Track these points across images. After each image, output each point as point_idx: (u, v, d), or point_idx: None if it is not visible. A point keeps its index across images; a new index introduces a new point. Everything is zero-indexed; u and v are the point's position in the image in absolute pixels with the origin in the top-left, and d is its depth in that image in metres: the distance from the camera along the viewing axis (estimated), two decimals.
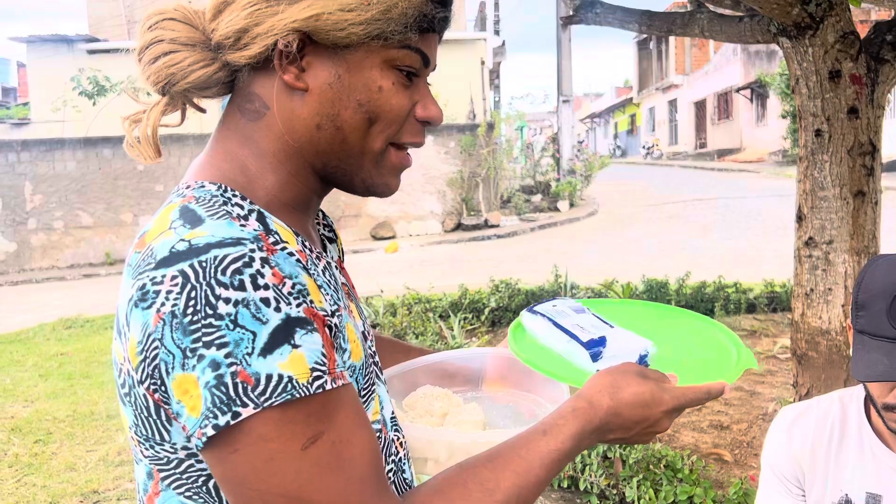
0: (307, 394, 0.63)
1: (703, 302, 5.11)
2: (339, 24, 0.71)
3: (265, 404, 0.62)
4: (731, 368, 0.92)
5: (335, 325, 0.69)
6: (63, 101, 14.31)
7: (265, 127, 0.77)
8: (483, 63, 15.89)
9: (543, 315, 1.01)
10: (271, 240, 0.68)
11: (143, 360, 0.66)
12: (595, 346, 0.92)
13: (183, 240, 0.66)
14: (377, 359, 0.86)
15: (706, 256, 9.24)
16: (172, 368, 0.64)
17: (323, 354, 0.66)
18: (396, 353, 1.15)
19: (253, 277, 0.64)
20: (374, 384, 0.79)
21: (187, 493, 0.72)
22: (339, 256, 0.98)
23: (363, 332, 0.82)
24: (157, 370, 0.65)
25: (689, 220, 13.71)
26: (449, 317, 4.80)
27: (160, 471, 0.72)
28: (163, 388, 0.66)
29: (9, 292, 12.37)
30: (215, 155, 0.78)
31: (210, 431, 0.63)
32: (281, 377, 0.63)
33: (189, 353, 0.63)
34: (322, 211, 0.94)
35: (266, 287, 0.64)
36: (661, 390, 0.82)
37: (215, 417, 0.63)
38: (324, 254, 0.82)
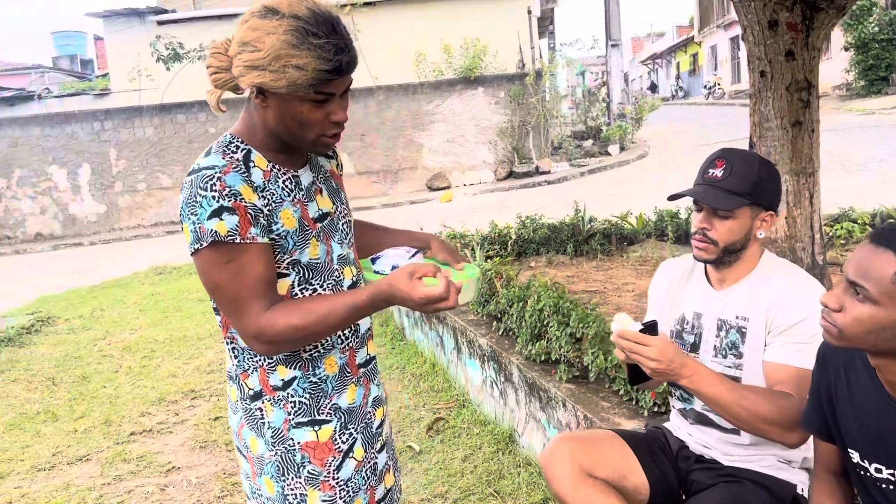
0: (223, 240, 1.37)
1: None
2: (271, 86, 1.37)
3: (206, 242, 1.37)
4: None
5: (258, 211, 1.41)
6: (137, 70, 15.41)
7: (260, 114, 1.51)
8: (530, 12, 16.19)
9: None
10: (233, 166, 1.41)
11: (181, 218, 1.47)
12: (375, 258, 1.73)
13: (198, 163, 1.43)
14: (338, 228, 1.61)
15: None
16: (181, 221, 1.41)
17: (237, 225, 1.37)
18: (375, 231, 1.89)
19: (211, 186, 1.37)
20: (308, 239, 1.53)
21: None
22: (335, 168, 1.73)
23: (318, 214, 1.56)
24: (181, 221, 1.45)
25: None
26: (479, 248, 5.54)
27: None
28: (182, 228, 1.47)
29: (102, 250, 13.69)
30: (240, 120, 1.56)
31: (191, 250, 1.40)
32: (213, 230, 1.36)
33: (185, 216, 1.39)
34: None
35: (215, 190, 1.37)
36: (414, 288, 1.40)
37: (193, 245, 1.39)
38: (299, 171, 1.56)
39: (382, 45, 15.51)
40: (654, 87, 49.44)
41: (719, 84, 33.87)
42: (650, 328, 1.80)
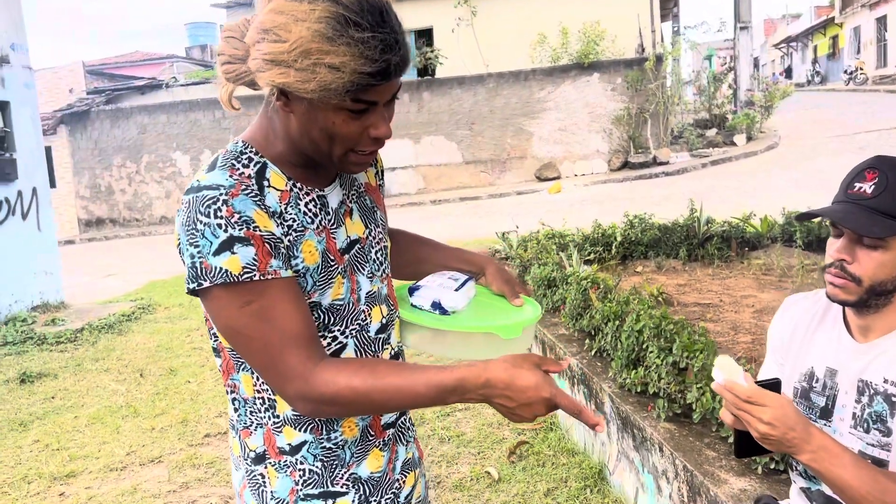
0: (237, 280, 1.08)
1: None
2: (296, 88, 1.05)
3: (213, 282, 1.08)
4: (515, 314, 1.34)
5: (277, 241, 1.11)
6: None
7: (281, 120, 1.18)
8: None
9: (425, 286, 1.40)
10: (243, 188, 1.11)
11: (177, 244, 1.16)
12: (413, 289, 1.37)
13: (198, 180, 1.12)
14: (369, 258, 1.28)
15: None
16: (179, 250, 1.11)
17: (255, 259, 1.08)
18: (421, 247, 1.55)
19: (215, 211, 1.07)
20: (333, 277, 1.21)
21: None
22: (372, 179, 1.39)
23: (346, 243, 1.24)
24: (178, 249, 1.14)
25: (882, 151, 12.57)
26: (579, 250, 5.10)
27: None
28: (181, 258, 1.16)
29: None
30: (256, 124, 1.23)
31: (189, 288, 1.12)
32: (222, 269, 1.07)
33: (184, 245, 1.09)
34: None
35: (220, 217, 1.07)
36: (548, 382, 1.08)
37: (190, 283, 1.10)
38: (326, 189, 1.24)
39: (497, 30, 15.13)
40: (788, 72, 46.36)
41: (861, 69, 31.23)
42: (771, 387, 1.37)
